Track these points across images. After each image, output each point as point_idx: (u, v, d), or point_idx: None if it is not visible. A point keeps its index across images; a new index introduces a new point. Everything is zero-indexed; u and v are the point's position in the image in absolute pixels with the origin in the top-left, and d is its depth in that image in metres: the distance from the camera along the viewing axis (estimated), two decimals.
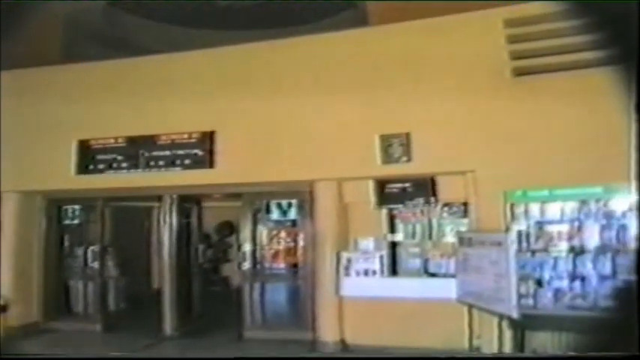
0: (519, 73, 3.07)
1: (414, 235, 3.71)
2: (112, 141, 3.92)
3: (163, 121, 3.75)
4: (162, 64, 3.78)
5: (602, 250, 3.19)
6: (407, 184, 3.52)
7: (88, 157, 3.97)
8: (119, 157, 3.91)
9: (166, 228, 4.20)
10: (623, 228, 3.20)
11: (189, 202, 4.49)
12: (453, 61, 3.17)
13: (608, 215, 3.22)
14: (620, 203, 3.18)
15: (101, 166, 3.97)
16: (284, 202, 4.00)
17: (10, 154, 3.76)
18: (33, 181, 4.09)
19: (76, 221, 4.49)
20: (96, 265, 4.36)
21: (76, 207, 4.46)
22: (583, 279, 3.20)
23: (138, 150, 3.85)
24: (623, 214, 3.20)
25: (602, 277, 3.17)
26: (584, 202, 3.26)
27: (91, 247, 4.38)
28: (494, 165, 3.17)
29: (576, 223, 3.27)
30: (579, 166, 3.02)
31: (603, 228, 3.23)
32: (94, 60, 4.12)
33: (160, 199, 4.26)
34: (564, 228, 3.32)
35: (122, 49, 4.72)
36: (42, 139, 3.89)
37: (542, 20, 3.06)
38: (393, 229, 3.71)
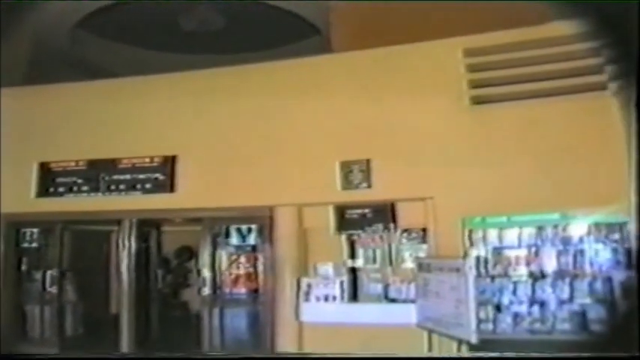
0: (478, 101, 3.08)
1: (374, 260, 3.66)
2: (73, 164, 3.82)
3: (125, 145, 3.66)
4: (125, 88, 3.71)
5: (559, 275, 3.18)
6: (367, 210, 3.48)
7: (49, 180, 3.86)
8: (79, 181, 3.80)
9: (125, 252, 4.07)
10: (580, 253, 3.24)
11: (148, 226, 4.40)
12: (414, 89, 3.17)
13: (565, 241, 3.21)
14: (577, 229, 3.21)
15: (61, 189, 3.86)
16: (244, 227, 3.92)
17: None
18: None
19: (34, 244, 4.32)
20: (54, 289, 4.16)
21: (35, 230, 4.33)
22: (542, 304, 3.18)
23: (98, 173, 3.75)
24: (580, 240, 3.24)
25: (561, 302, 3.15)
26: (541, 228, 3.29)
27: (50, 271, 4.19)
28: (453, 192, 3.16)
29: (534, 249, 3.27)
30: (536, 192, 3.03)
31: (560, 253, 3.22)
32: (60, 82, 4.05)
33: (119, 223, 4.11)
34: (522, 253, 3.32)
35: (89, 71, 4.65)
36: (1, 161, 3.77)
37: (500, 50, 3.09)
38: (353, 254, 3.67)
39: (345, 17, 3.90)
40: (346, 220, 3.53)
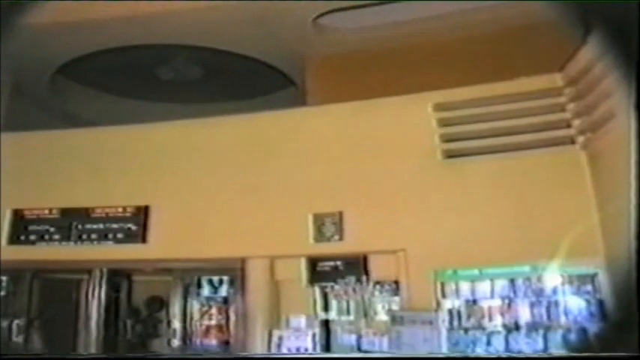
0: (449, 155, 3.06)
1: (347, 312, 3.57)
2: (47, 212, 3.71)
3: (98, 194, 3.56)
4: (100, 137, 3.64)
5: (533, 326, 3.16)
6: (339, 263, 3.40)
7: (21, 228, 3.74)
8: (51, 229, 3.69)
9: (95, 302, 3.97)
10: (554, 304, 3.23)
11: (119, 275, 4.25)
12: (386, 142, 3.14)
13: (538, 292, 3.21)
14: (550, 281, 3.17)
15: (33, 237, 3.74)
16: (215, 279, 3.84)
17: None
18: None
19: (2, 292, 4.24)
20: (20, 339, 3.99)
21: (4, 278, 4.20)
22: None
23: (71, 222, 3.64)
24: (554, 291, 3.19)
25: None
26: (513, 281, 3.24)
27: (16, 321, 4.10)
28: (425, 244, 3.11)
29: (507, 301, 3.29)
30: (508, 245, 2.98)
31: (533, 305, 3.18)
32: (37, 129, 3.99)
33: (89, 272, 3.99)
34: (495, 304, 3.27)
35: (66, 118, 4.61)
36: None
37: (471, 105, 3.09)
38: (326, 306, 3.58)
39: (320, 70, 3.93)
40: (318, 272, 3.44)
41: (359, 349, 3.72)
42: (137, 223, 3.46)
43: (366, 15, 3.69)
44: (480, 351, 3.37)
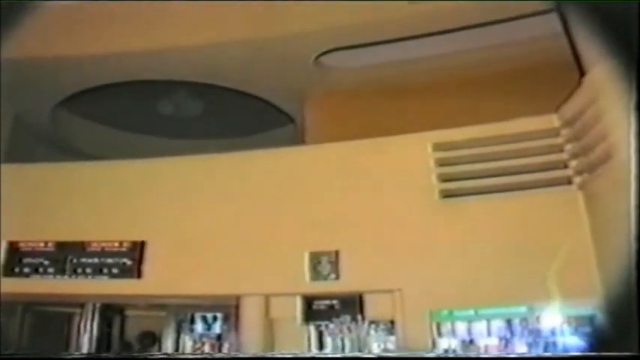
0: (447, 195, 3.05)
1: (342, 350, 3.51)
2: (42, 245, 3.68)
3: (95, 228, 3.53)
4: (98, 171, 3.64)
5: None
6: (334, 302, 3.36)
7: (15, 260, 3.71)
8: (46, 262, 3.64)
9: (86, 335, 3.89)
10: (552, 345, 3.20)
11: (112, 310, 4.16)
12: (384, 182, 3.13)
13: (535, 333, 3.19)
14: (547, 321, 3.14)
15: (27, 270, 3.69)
16: (209, 315, 3.75)
17: None
18: None
19: None
20: None
21: None
22: None
23: (66, 256, 3.60)
24: (552, 332, 3.16)
25: None
26: (509, 321, 3.21)
27: (6, 352, 4.03)
28: (421, 284, 3.07)
29: (503, 342, 3.25)
30: (505, 285, 2.95)
31: (530, 345, 3.15)
32: (37, 161, 4.00)
33: (82, 305, 3.94)
34: (492, 344, 3.24)
35: (66, 151, 4.61)
36: None
37: (469, 145, 3.10)
38: (321, 344, 3.53)
39: (320, 108, 3.94)
40: (314, 310, 3.39)
41: None
42: (133, 258, 3.42)
43: (367, 54, 3.71)
44: None
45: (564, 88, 2.75)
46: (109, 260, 3.70)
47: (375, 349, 3.78)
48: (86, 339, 4.04)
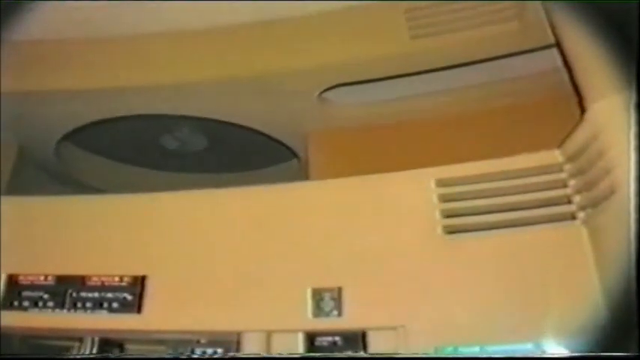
0: (451, 230, 3.05)
1: None
2: (42, 278, 3.66)
3: (95, 263, 3.51)
4: (99, 205, 3.64)
5: None
6: (337, 338, 3.32)
7: (14, 293, 3.69)
8: (45, 296, 3.62)
9: None
10: None
11: (110, 344, 4.11)
12: (387, 218, 3.12)
13: None
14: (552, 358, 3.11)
15: (26, 304, 3.67)
16: (209, 351, 3.73)
17: None
18: None
19: None
20: None
21: None
22: None
23: (66, 289, 3.58)
24: None
25: None
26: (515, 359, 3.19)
27: None
28: (425, 320, 3.04)
29: None
30: (510, 322, 2.91)
31: None
32: (41, 194, 4.02)
33: (80, 339, 3.91)
34: None
35: (71, 185, 4.63)
36: None
37: (473, 180, 3.10)
38: None
39: (323, 143, 3.95)
40: (316, 347, 3.34)
41: None
42: (133, 292, 3.40)
43: (371, 90, 3.72)
44: None
45: (566, 123, 2.78)
46: (109, 295, 3.68)
47: None
48: None
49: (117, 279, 3.68)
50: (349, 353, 3.05)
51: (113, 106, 3.85)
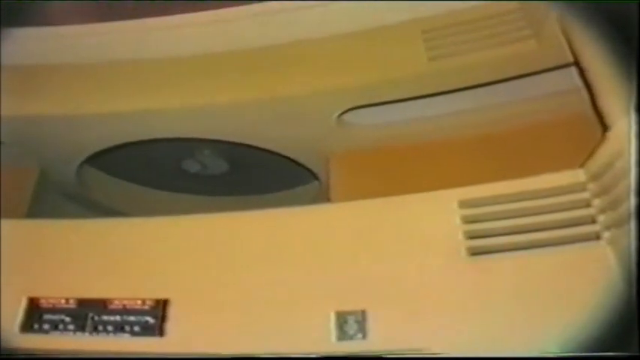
0: (475, 252, 3.03)
1: None
2: (63, 301, 3.68)
3: (117, 286, 3.52)
4: (121, 228, 3.65)
5: None
6: None
7: (35, 316, 3.69)
8: (67, 319, 3.63)
9: None
10: None
11: None
12: (410, 240, 3.11)
13: None
14: None
15: (46, 327, 3.67)
16: None
17: None
18: None
19: None
20: None
21: None
22: None
23: (87, 313, 3.59)
24: None
25: None
26: None
27: None
28: (450, 342, 3.00)
29: None
30: (535, 344, 2.89)
31: None
32: (63, 217, 4.06)
33: None
34: None
35: (93, 208, 4.70)
36: None
37: (496, 201, 3.08)
38: None
39: (343, 165, 4.00)
40: None
41: None
42: (155, 316, 3.40)
43: (390, 111, 3.75)
44: None
45: (587, 141, 2.77)
46: (131, 318, 3.68)
47: None
48: None
49: (139, 302, 3.69)
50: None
51: (135, 130, 3.91)
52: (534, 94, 3.68)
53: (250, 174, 4.59)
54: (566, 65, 3.15)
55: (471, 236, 3.03)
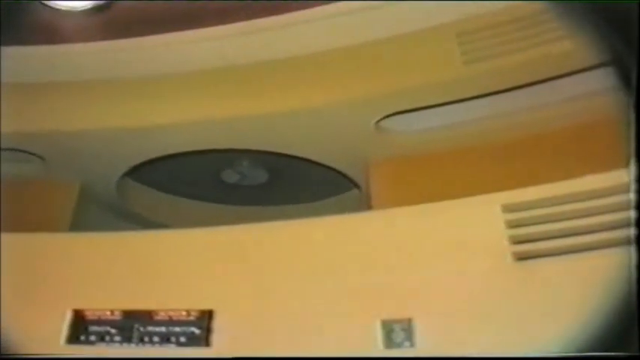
0: (521, 257, 2.99)
1: None
2: (108, 313, 3.74)
3: (162, 297, 3.58)
4: (164, 239, 3.72)
5: None
6: None
7: (81, 328, 3.75)
8: (113, 330, 3.69)
9: None
10: None
11: None
12: (453, 245, 3.08)
13: None
14: None
15: (93, 338, 3.75)
16: None
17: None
18: (17, 347, 3.87)
19: None
20: None
21: None
22: None
23: (133, 324, 3.64)
24: None
25: None
26: None
27: None
28: (499, 349, 2.98)
29: None
30: (587, 347, 2.86)
31: None
32: (104, 230, 4.11)
33: None
34: None
35: (133, 221, 4.73)
36: (34, 305, 3.71)
37: (541, 205, 3.05)
38: None
39: (383, 172, 3.93)
40: None
41: None
42: (201, 327, 3.43)
43: (427, 116, 3.73)
44: None
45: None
46: (177, 329, 3.72)
47: None
48: None
49: (184, 313, 3.72)
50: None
51: (174, 142, 3.95)
52: (573, 95, 3.60)
53: (289, 183, 4.54)
54: (603, 65, 3.09)
55: (517, 241, 2.98)
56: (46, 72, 3.89)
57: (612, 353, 1.55)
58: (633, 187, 1.73)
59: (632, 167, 1.75)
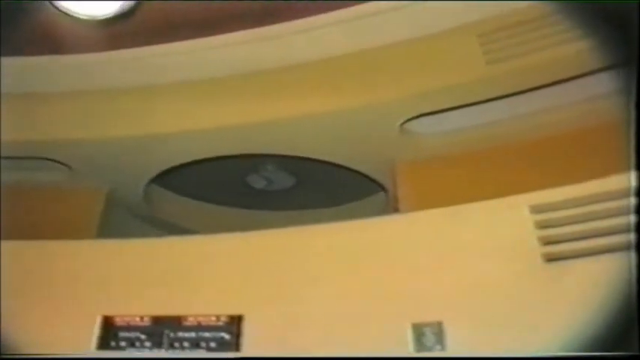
0: (551, 258, 2.96)
1: None
2: (138, 319, 3.78)
3: (191, 303, 3.60)
4: (192, 245, 3.75)
5: None
6: None
7: (111, 334, 3.80)
8: (142, 336, 3.72)
9: None
10: None
11: None
12: (482, 247, 3.06)
13: None
14: None
15: (123, 344, 3.78)
16: None
17: (31, 323, 3.67)
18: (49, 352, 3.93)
19: None
20: None
21: None
22: None
23: (163, 330, 3.67)
24: None
25: None
26: None
27: None
28: (530, 351, 2.96)
29: None
30: (615, 350, 2.82)
31: None
32: (131, 236, 4.14)
33: None
34: None
35: (160, 227, 4.80)
36: (64, 312, 3.76)
37: (569, 205, 3.01)
38: None
39: (409, 175, 3.93)
40: None
41: None
42: (230, 332, 3.44)
43: (451, 118, 3.73)
44: None
45: None
46: (207, 334, 3.73)
47: None
48: None
49: (213, 319, 3.74)
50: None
51: (200, 148, 3.98)
52: (598, 94, 3.56)
53: (316, 187, 4.55)
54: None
55: (547, 242, 2.95)
56: (73, 81, 3.94)
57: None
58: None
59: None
